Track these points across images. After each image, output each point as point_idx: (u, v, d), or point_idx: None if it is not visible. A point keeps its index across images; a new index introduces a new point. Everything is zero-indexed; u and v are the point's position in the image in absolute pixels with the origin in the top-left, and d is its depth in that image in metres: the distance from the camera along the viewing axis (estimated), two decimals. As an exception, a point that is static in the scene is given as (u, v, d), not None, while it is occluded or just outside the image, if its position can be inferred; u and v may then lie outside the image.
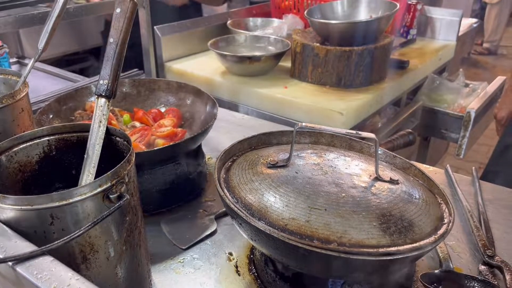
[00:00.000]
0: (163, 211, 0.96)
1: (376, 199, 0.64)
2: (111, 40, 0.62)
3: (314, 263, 0.58)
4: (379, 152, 0.84)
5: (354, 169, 0.73)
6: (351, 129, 1.46)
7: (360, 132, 0.70)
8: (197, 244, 0.86)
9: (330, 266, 0.57)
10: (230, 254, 0.84)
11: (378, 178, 0.71)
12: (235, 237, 0.88)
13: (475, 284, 0.75)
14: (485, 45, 5.83)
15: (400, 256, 0.56)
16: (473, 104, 1.82)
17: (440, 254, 0.83)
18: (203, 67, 1.79)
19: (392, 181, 0.71)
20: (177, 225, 0.91)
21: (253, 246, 0.83)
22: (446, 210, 0.69)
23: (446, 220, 0.66)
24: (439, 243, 0.61)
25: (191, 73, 1.75)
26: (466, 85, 2.05)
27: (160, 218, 0.93)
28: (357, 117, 1.45)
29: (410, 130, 1.29)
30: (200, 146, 1.05)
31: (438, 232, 0.62)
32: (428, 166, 1.24)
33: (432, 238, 0.60)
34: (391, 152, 0.84)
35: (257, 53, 1.71)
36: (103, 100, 0.61)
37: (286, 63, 1.74)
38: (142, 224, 0.65)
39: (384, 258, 0.55)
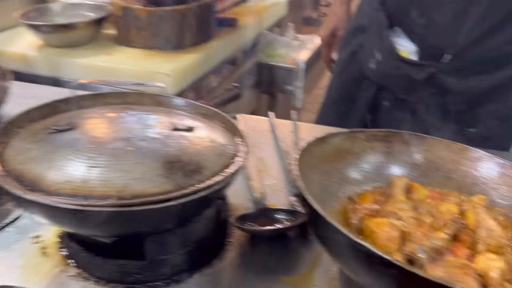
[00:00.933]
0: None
1: (165, 148, 0.62)
2: None
3: (97, 224, 0.54)
4: (182, 104, 0.83)
5: (150, 123, 0.70)
6: (184, 90, 1.45)
7: (147, 83, 0.67)
8: (-5, 234, 0.77)
9: (115, 223, 0.54)
10: (37, 237, 0.76)
11: (174, 128, 0.69)
12: (44, 217, 0.80)
13: (285, 215, 0.79)
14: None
15: (185, 200, 0.56)
16: (302, 56, 1.94)
17: (257, 195, 0.86)
18: (15, 42, 1.59)
19: (188, 129, 0.70)
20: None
21: (61, 222, 0.76)
22: (243, 150, 0.71)
23: (239, 159, 0.67)
24: (228, 181, 0.62)
25: (1, 51, 1.54)
26: (297, 39, 2.16)
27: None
28: (187, 78, 1.43)
29: (236, 84, 1.31)
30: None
31: (227, 170, 0.62)
32: (256, 116, 1.28)
33: (219, 177, 0.60)
34: (196, 102, 0.84)
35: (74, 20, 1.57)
36: None
37: (112, 30, 1.63)
38: None
39: (167, 204, 0.54)
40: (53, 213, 0.53)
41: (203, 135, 0.70)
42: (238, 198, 0.87)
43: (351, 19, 1.41)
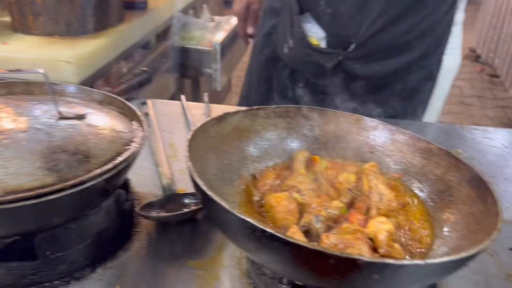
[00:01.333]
0: None
1: (48, 139, 0.58)
2: None
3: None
4: (74, 91, 0.78)
5: (34, 113, 0.65)
6: (89, 78, 1.37)
7: (22, 69, 0.62)
8: None
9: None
10: None
11: (60, 117, 0.64)
12: None
13: (193, 199, 0.78)
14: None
15: (69, 192, 0.52)
16: (218, 37, 1.91)
17: (164, 181, 0.83)
18: None
19: (78, 117, 0.65)
20: None
21: None
22: (140, 136, 0.68)
23: (135, 145, 0.64)
24: (121, 169, 0.59)
25: None
26: (212, 20, 2.13)
27: None
28: (93, 64, 1.36)
29: (145, 69, 1.26)
30: None
31: (119, 158, 0.59)
32: (169, 101, 1.24)
33: (109, 165, 0.57)
34: (90, 89, 0.79)
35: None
36: None
37: (7, 17, 1.50)
38: None
39: (48, 198, 0.50)
40: None
41: (95, 122, 0.67)
42: (146, 186, 0.84)
43: (266, 3, 1.40)
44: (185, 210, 0.75)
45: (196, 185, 0.50)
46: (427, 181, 0.68)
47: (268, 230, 0.41)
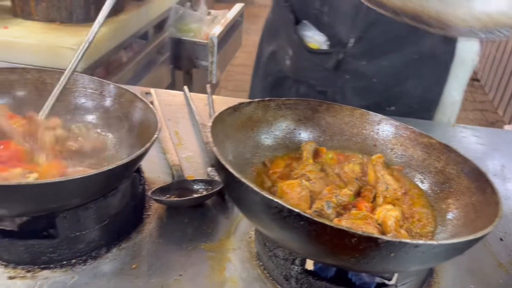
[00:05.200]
0: None
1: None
2: None
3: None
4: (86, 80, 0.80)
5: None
6: (91, 66, 1.38)
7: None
8: None
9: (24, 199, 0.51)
10: None
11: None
12: None
13: (202, 185, 0.81)
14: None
15: (97, 172, 0.54)
16: (215, 30, 1.93)
17: (173, 168, 0.86)
18: None
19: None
20: None
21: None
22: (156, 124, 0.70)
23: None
24: (142, 153, 0.62)
25: None
26: (209, 14, 2.14)
27: None
28: (95, 52, 1.36)
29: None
30: None
31: (141, 141, 0.62)
32: (172, 91, 1.26)
33: (133, 148, 0.60)
34: (103, 80, 0.81)
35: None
36: None
37: (7, 1, 1.49)
38: None
39: (74, 177, 0.53)
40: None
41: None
42: (155, 172, 0.86)
43: (268, 20, 1.37)
44: (196, 195, 0.78)
45: (223, 168, 0.53)
46: (428, 174, 0.73)
47: (296, 209, 0.44)
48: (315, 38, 1.16)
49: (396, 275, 0.59)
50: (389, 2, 0.60)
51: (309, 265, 0.61)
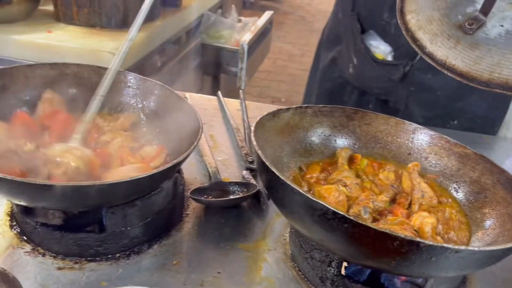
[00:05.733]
0: None
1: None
2: None
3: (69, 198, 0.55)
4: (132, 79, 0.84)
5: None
6: (127, 69, 1.43)
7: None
8: None
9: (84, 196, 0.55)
10: (-14, 216, 0.74)
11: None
12: (-8, 197, 0.78)
13: (238, 187, 0.83)
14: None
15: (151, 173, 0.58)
16: (245, 37, 1.96)
17: (210, 170, 0.89)
18: None
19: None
20: None
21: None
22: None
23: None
24: (188, 155, 0.65)
25: None
26: (239, 21, 2.18)
27: None
28: (133, 56, 1.42)
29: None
30: None
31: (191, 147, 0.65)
32: (206, 95, 1.30)
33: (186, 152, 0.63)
34: (150, 79, 0.85)
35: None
36: None
37: (51, 6, 1.56)
38: None
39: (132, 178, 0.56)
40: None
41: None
42: (192, 174, 0.89)
43: (329, 27, 1.40)
44: (232, 196, 0.81)
45: (268, 170, 0.55)
46: (462, 183, 0.74)
47: (340, 212, 0.46)
48: (381, 48, 1.17)
49: (429, 281, 0.60)
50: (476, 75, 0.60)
51: (342, 269, 0.62)
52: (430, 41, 0.96)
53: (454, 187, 0.74)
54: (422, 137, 0.80)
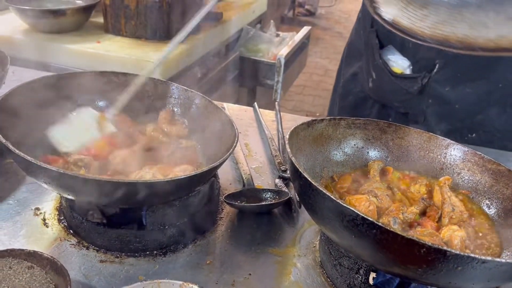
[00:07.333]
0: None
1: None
2: None
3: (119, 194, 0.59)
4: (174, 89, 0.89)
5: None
6: (169, 79, 1.50)
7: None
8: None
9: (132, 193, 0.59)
10: (37, 209, 0.80)
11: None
12: (43, 192, 0.84)
13: (270, 194, 0.86)
14: (306, 7, 6.35)
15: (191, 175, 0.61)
16: (282, 51, 2.01)
17: (244, 177, 0.92)
18: (3, 25, 1.59)
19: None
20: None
21: (61, 196, 0.81)
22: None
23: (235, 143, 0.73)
24: (225, 160, 0.68)
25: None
26: (277, 35, 2.23)
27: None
28: (174, 67, 1.48)
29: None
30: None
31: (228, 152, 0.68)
32: (242, 106, 1.34)
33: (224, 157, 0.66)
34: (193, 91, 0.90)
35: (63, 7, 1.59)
36: None
37: (100, 19, 1.66)
38: None
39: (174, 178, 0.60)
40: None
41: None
42: (228, 180, 0.93)
43: (350, 43, 1.42)
44: (265, 203, 0.84)
45: (301, 177, 0.58)
46: (495, 199, 0.74)
47: (370, 218, 0.48)
48: (399, 63, 1.18)
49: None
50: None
51: (370, 279, 0.64)
52: (384, 2, 1.13)
53: (487, 203, 0.74)
54: (455, 153, 0.81)
